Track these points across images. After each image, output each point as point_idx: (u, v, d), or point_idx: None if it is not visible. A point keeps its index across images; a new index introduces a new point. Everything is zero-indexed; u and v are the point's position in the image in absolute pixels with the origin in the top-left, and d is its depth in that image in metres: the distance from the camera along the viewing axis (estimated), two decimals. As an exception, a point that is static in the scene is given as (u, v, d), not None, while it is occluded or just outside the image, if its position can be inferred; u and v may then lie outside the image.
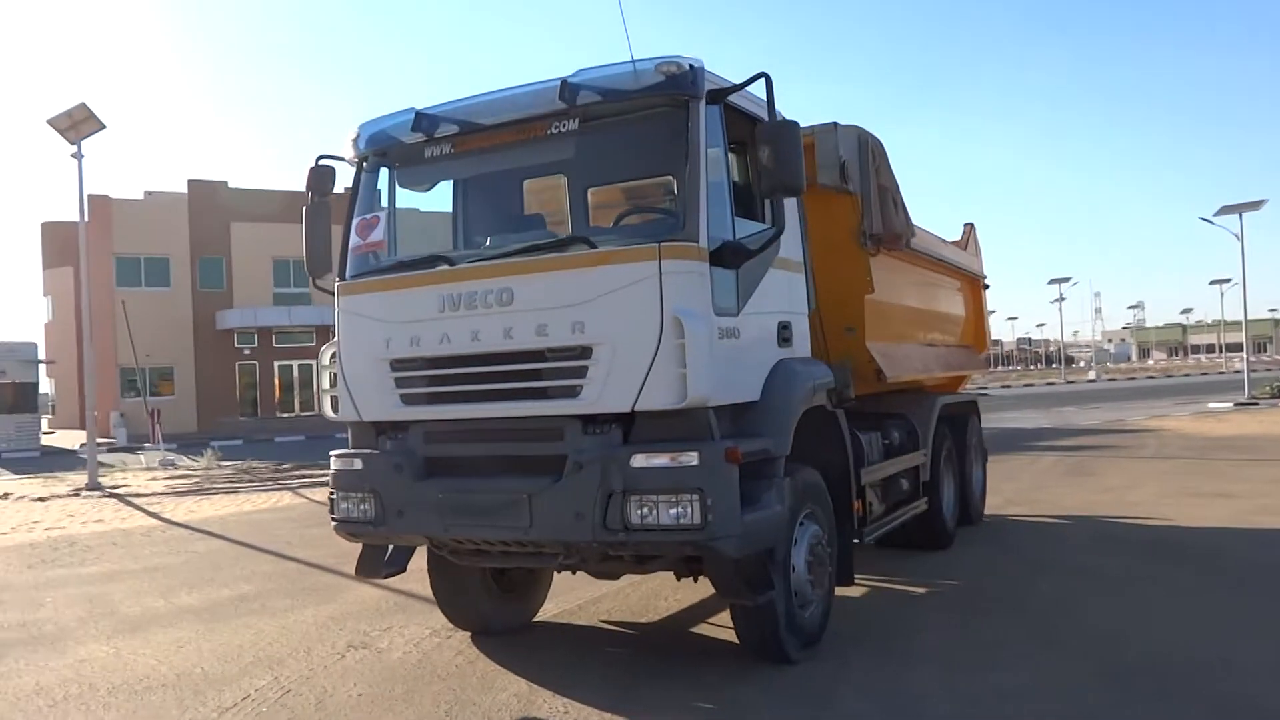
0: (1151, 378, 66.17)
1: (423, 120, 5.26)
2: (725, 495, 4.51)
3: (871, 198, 6.61)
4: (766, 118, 4.91)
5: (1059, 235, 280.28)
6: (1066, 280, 63.41)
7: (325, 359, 5.51)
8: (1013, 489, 12.21)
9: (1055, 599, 6.64)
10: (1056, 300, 65.91)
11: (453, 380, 5.04)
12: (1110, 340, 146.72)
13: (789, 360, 5.40)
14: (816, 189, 6.38)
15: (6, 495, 15.87)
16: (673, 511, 4.50)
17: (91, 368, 18.09)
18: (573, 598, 7.04)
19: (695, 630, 6.29)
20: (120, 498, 15.17)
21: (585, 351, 4.66)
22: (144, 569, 9.24)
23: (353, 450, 5.42)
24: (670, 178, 5.07)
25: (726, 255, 4.80)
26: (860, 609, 6.65)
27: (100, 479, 17.20)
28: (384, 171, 5.63)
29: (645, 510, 4.53)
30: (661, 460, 4.52)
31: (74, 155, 16.61)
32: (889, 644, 5.73)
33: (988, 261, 10.90)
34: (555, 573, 6.32)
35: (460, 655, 5.87)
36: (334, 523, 5.49)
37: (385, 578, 5.73)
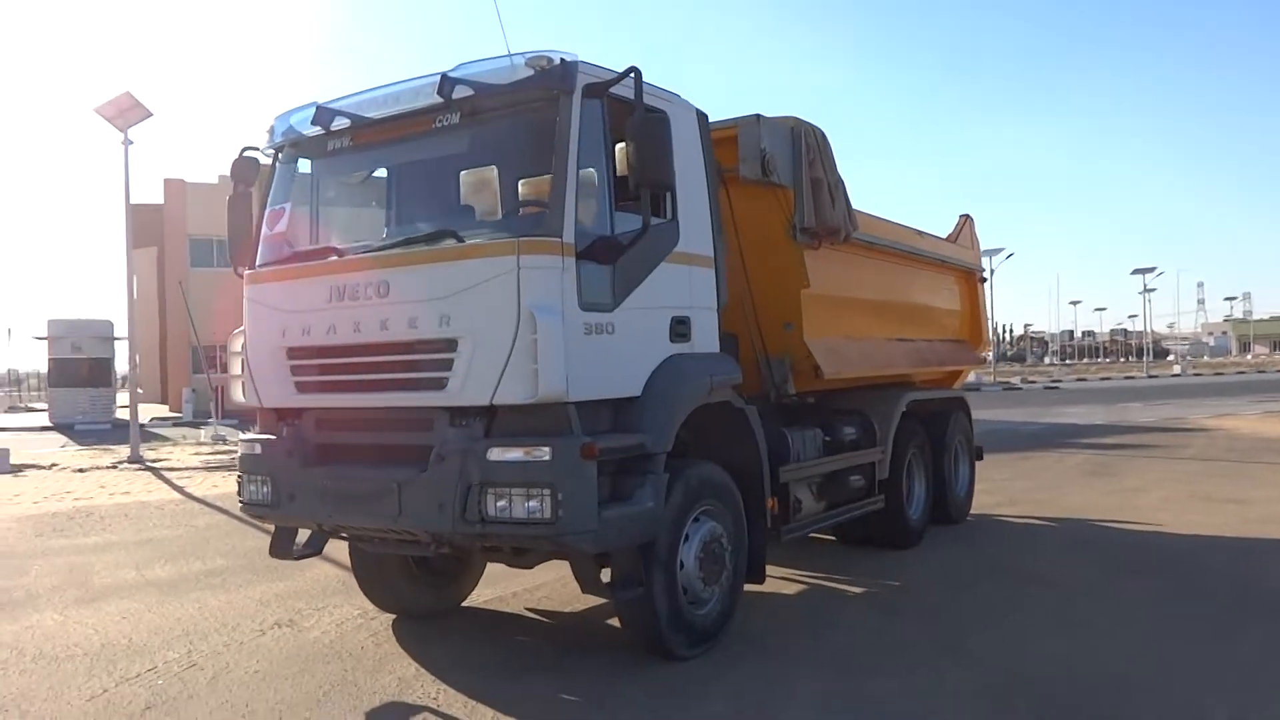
0: (1242, 373, 63.17)
1: (321, 114, 5.36)
2: (578, 491, 4.52)
3: (804, 191, 6.49)
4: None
5: (1163, 225, 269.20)
6: (1151, 270, 61.16)
7: (235, 345, 5.68)
8: (1020, 488, 11.88)
9: (987, 606, 6.47)
10: (1144, 291, 63.08)
11: (337, 370, 5.15)
12: (1210, 333, 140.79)
13: (681, 356, 5.35)
14: (741, 182, 6.31)
15: (53, 465, 16.71)
16: (527, 505, 4.54)
17: (134, 343, 18.84)
18: (513, 584, 7.13)
19: (612, 622, 6.31)
20: (155, 471, 15.83)
21: (450, 344, 4.71)
22: (138, 541, 9.65)
23: (256, 435, 5.58)
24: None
25: (598, 250, 4.79)
26: (783, 607, 6.60)
27: (146, 452, 17.97)
28: (297, 163, 5.76)
29: (502, 503, 4.58)
30: (515, 454, 4.56)
31: (123, 143, 17.28)
32: (791, 644, 5.67)
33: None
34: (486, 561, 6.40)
35: (373, 637, 6.01)
36: (240, 503, 5.68)
37: (298, 559, 5.88)
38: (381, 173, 5.99)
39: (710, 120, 6.31)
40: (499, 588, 7.03)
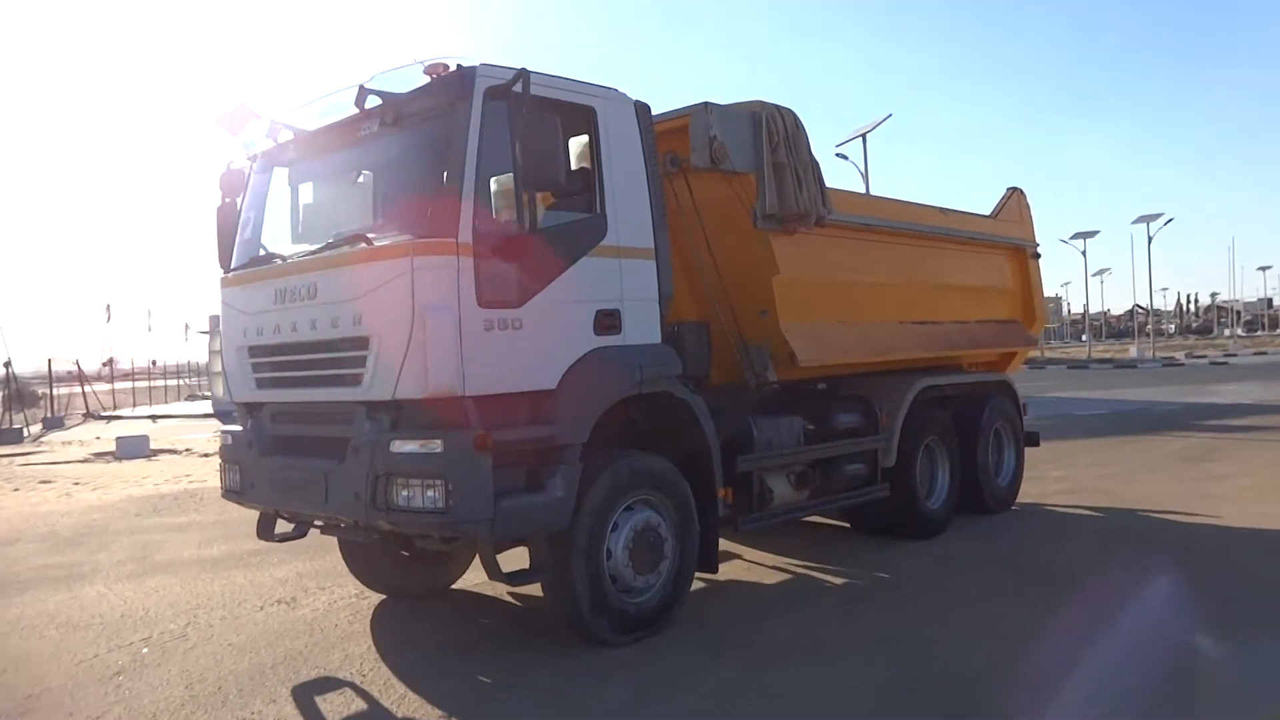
0: None
1: (275, 126, 5.73)
2: (469, 480, 4.70)
3: (766, 177, 6.41)
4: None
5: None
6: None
7: (215, 345, 6.15)
8: (1095, 475, 11.26)
9: (962, 600, 6.26)
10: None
11: (281, 367, 5.53)
12: None
13: (605, 349, 5.43)
14: (693, 170, 6.30)
15: (186, 451, 18.23)
16: (426, 495, 4.76)
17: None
18: (507, 566, 7.37)
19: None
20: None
21: (363, 342, 4.98)
22: (214, 522, 10.46)
23: (230, 427, 6.05)
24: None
25: (501, 249, 4.93)
26: (750, 595, 6.62)
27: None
28: (268, 173, 6.16)
29: (406, 493, 4.82)
30: (413, 446, 4.79)
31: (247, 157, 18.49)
32: (728, 634, 5.70)
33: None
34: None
35: (356, 617, 6.40)
36: (221, 490, 6.16)
37: (279, 542, 6.32)
38: (364, 178, 6.32)
39: (670, 110, 6.38)
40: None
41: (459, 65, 4.91)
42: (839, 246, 7.24)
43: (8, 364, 26.11)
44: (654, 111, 6.08)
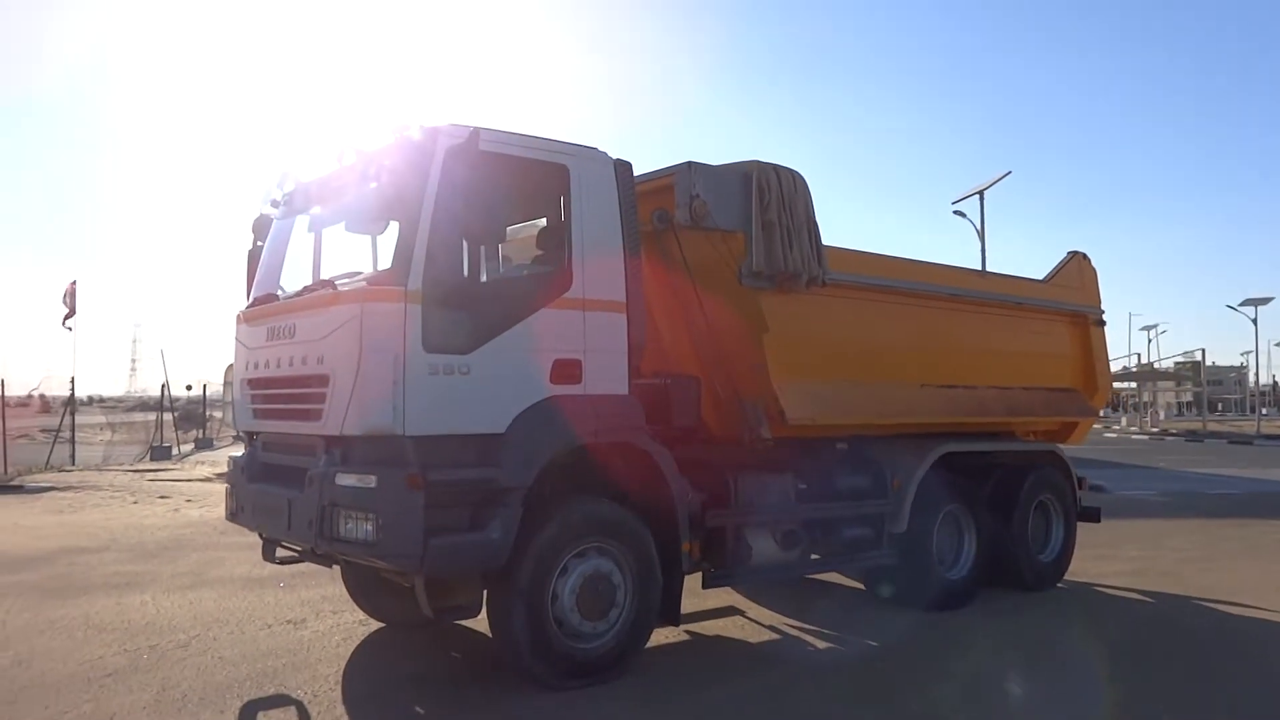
0: None
1: (284, 176, 6.26)
2: (399, 516, 4.94)
3: (755, 235, 6.47)
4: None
5: None
6: None
7: (228, 378, 6.68)
8: (1174, 559, 10.50)
9: (933, 676, 6.02)
10: None
11: (268, 399, 5.97)
12: None
13: (559, 398, 5.59)
14: (689, 228, 6.42)
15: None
16: (363, 527, 5.04)
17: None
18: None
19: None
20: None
21: (324, 380, 5.33)
22: (283, 543, 11.14)
23: (232, 454, 6.54)
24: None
25: (452, 297, 5.20)
26: (721, 652, 6.59)
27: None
28: (289, 220, 6.67)
29: (349, 524, 5.12)
30: (352, 480, 5.09)
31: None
32: (678, 689, 5.71)
33: None
34: None
35: (346, 641, 6.73)
36: (225, 513, 6.65)
37: (281, 564, 6.72)
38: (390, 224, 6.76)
39: (658, 169, 6.57)
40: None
41: (421, 126, 5.24)
42: (845, 306, 7.17)
43: (165, 386, 28.42)
44: (653, 169, 6.33)
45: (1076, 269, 9.37)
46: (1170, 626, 7.47)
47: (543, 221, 6.34)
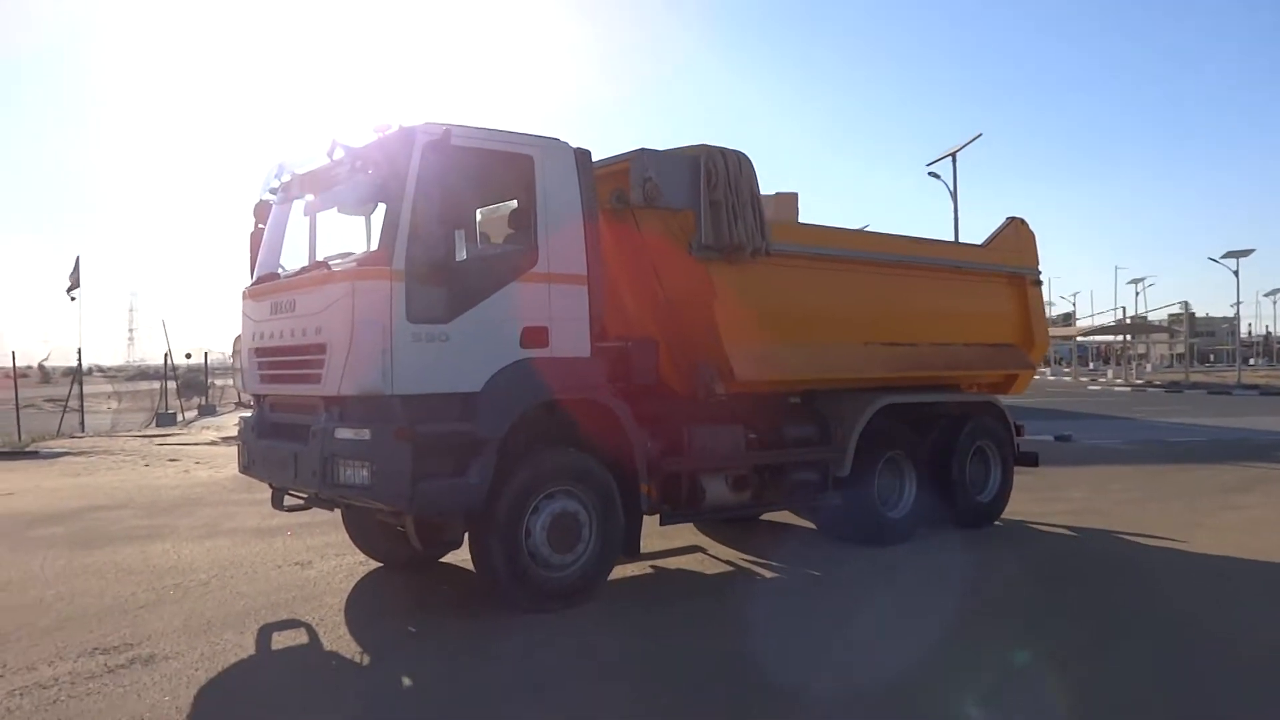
0: None
1: (281, 167, 7.01)
2: (390, 464, 5.77)
3: (702, 212, 7.24)
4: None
5: None
6: None
7: (236, 347, 7.49)
8: (1116, 500, 11.39)
9: (850, 601, 6.90)
10: None
11: (273, 365, 6.77)
12: None
13: (529, 360, 6.39)
14: (643, 208, 7.19)
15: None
16: (360, 474, 5.88)
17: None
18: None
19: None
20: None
21: (323, 349, 6.13)
22: (289, 499, 12.00)
23: (244, 415, 7.36)
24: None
25: (431, 275, 5.98)
26: (676, 582, 7.44)
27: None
28: (287, 205, 7.43)
29: (348, 472, 5.95)
30: (349, 433, 5.92)
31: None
32: (627, 613, 6.52)
33: None
34: None
35: (348, 579, 7.56)
36: (238, 466, 7.49)
37: (288, 512, 7.53)
38: (376, 210, 7.52)
39: (616, 155, 7.33)
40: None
41: (399, 126, 6.00)
42: (789, 274, 7.93)
43: (167, 355, 29.25)
44: (612, 154, 7.12)
45: (1014, 233, 10.13)
46: (1078, 555, 8.38)
47: (515, 203, 7.12)
